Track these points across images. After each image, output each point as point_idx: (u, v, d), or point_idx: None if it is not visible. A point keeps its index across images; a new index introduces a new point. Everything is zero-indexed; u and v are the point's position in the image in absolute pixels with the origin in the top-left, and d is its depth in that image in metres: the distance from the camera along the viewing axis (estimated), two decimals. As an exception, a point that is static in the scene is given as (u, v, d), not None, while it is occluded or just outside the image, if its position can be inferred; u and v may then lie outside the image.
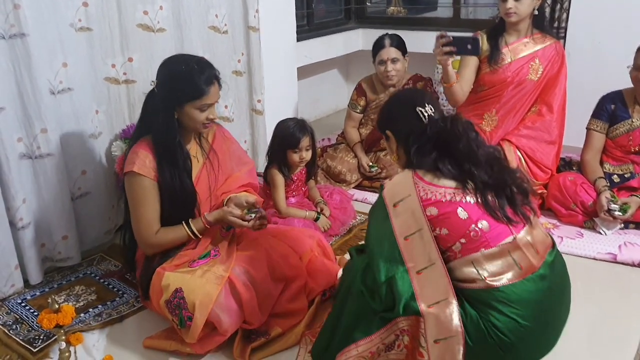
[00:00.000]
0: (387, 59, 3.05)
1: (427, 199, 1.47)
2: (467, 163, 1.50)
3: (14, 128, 2.05)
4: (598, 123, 2.65)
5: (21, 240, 2.12)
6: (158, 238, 1.88)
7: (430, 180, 1.50)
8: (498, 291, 1.45)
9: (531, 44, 2.71)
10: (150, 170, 1.85)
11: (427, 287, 1.45)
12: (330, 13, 4.56)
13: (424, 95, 1.70)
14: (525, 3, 2.55)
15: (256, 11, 3.01)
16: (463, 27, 4.02)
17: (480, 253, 1.46)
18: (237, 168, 2.12)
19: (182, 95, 1.82)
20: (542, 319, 1.49)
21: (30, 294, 2.16)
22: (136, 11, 2.42)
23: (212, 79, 1.85)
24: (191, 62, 1.85)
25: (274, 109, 3.30)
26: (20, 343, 1.86)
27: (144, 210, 1.87)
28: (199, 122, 1.87)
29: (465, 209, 1.47)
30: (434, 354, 1.43)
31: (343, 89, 4.85)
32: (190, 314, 1.70)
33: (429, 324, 1.43)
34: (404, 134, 1.62)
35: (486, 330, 1.43)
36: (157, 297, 1.81)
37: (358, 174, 3.11)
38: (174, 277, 1.79)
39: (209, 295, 1.71)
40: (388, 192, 1.52)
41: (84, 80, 2.27)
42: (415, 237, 1.46)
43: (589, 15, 3.25)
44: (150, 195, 1.87)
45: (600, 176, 2.56)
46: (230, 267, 1.82)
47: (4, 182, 2.03)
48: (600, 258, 2.33)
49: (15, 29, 1.96)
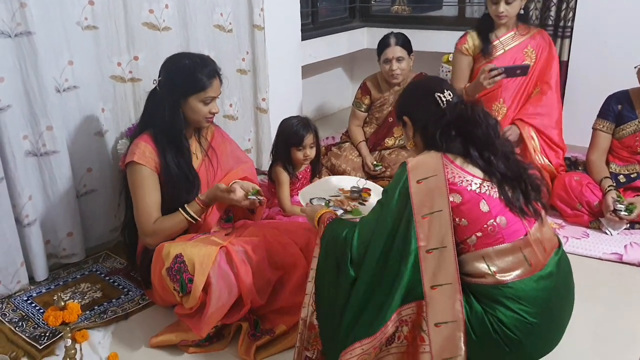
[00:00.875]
0: (392, 58, 3.05)
1: (454, 183, 1.45)
2: (487, 151, 1.50)
3: (20, 126, 2.05)
4: (604, 123, 2.64)
5: (27, 237, 2.13)
6: (156, 225, 1.90)
7: (460, 165, 1.49)
8: (506, 287, 1.44)
9: (518, 35, 2.87)
10: (150, 160, 1.90)
11: (434, 268, 1.43)
12: (334, 12, 4.56)
13: (442, 81, 1.70)
14: (515, 6, 2.76)
15: (261, 10, 3.00)
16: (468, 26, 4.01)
17: (492, 249, 1.45)
18: (235, 166, 2.15)
19: (186, 88, 1.89)
20: (548, 316, 1.48)
21: (36, 291, 2.16)
22: (142, 10, 2.42)
23: (214, 73, 1.94)
24: (194, 57, 1.94)
25: (278, 108, 3.30)
26: (26, 340, 1.87)
27: (143, 198, 1.90)
28: (202, 115, 1.94)
29: (488, 202, 1.46)
30: (435, 338, 1.42)
31: (347, 87, 4.85)
32: (190, 276, 1.73)
33: (431, 306, 1.42)
34: (422, 120, 1.61)
35: (491, 325, 1.43)
36: (159, 269, 1.81)
37: (362, 172, 3.10)
38: (175, 246, 1.81)
39: (209, 256, 1.75)
40: (413, 168, 1.48)
41: (89, 78, 2.27)
42: (434, 217, 1.43)
43: (595, 15, 3.24)
44: (150, 184, 1.91)
45: (606, 176, 2.56)
46: (228, 241, 1.86)
47: (10, 179, 2.04)
48: (606, 258, 2.32)
49: (22, 27, 1.97)
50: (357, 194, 2.06)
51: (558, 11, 3.38)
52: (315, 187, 2.07)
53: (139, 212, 1.91)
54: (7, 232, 2.04)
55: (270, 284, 1.90)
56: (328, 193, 2.06)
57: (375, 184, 2.22)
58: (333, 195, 2.05)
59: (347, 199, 2.03)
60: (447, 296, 1.42)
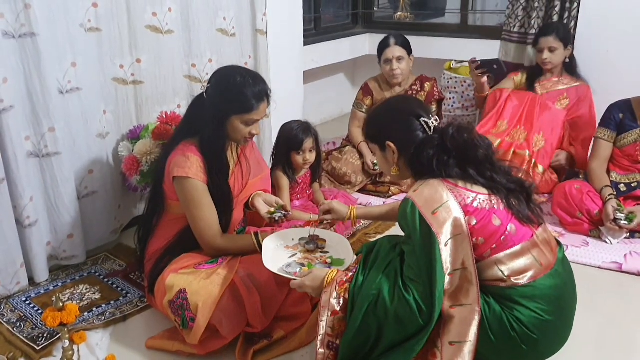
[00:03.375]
0: (392, 58, 3.07)
1: (467, 205, 1.46)
2: (488, 171, 1.52)
3: (22, 126, 2.06)
4: (605, 132, 2.65)
5: (27, 238, 2.13)
6: (225, 242, 1.91)
7: (464, 186, 1.50)
8: (525, 287, 1.48)
9: (560, 83, 3.08)
10: (200, 173, 1.86)
11: (455, 288, 1.45)
12: (337, 17, 4.58)
13: (421, 103, 1.72)
14: (559, 54, 3.00)
15: (264, 15, 3.02)
16: (470, 34, 4.04)
17: (503, 254, 1.48)
18: (258, 172, 2.13)
19: (231, 107, 1.85)
20: (560, 313, 1.53)
21: (35, 292, 2.16)
22: (145, 13, 2.43)
23: (263, 95, 1.87)
24: (247, 75, 1.87)
25: (279, 112, 3.25)
26: (24, 341, 1.87)
27: (204, 213, 1.87)
28: (242, 136, 1.91)
29: (498, 215, 1.49)
30: (447, 355, 1.44)
31: (349, 93, 4.85)
32: (193, 315, 1.71)
33: (450, 326, 1.44)
34: (408, 146, 1.59)
35: (509, 323, 1.46)
36: (161, 297, 1.82)
37: (363, 175, 3.11)
38: (179, 278, 1.79)
39: (212, 297, 1.72)
40: (422, 203, 1.46)
41: (92, 80, 2.28)
42: (454, 241, 1.44)
43: (598, 23, 3.24)
44: (207, 198, 1.88)
45: (607, 185, 2.56)
46: (235, 270, 1.82)
47: (11, 180, 2.04)
48: (606, 267, 2.32)
49: (26, 29, 1.97)
50: (312, 245, 1.89)
51: (560, 20, 3.38)
52: (266, 252, 1.81)
53: (204, 229, 1.88)
54: (7, 233, 2.04)
55: (278, 302, 1.87)
56: (284, 256, 1.84)
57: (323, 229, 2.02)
58: (292, 256, 1.85)
59: (305, 252, 1.87)
60: (465, 316, 1.44)
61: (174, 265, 1.87)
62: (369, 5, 4.63)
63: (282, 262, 1.80)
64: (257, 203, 2.04)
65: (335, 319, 1.55)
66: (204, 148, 1.88)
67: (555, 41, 2.96)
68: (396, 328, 1.47)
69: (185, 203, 1.88)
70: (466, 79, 3.67)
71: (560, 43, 2.97)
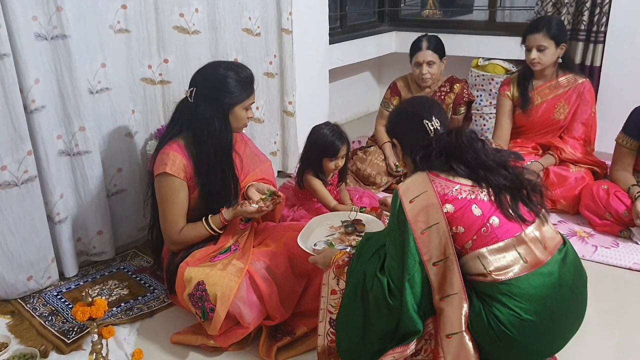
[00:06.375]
0: (422, 62, 3.03)
1: (444, 194, 1.49)
2: (481, 170, 1.53)
3: (54, 126, 2.12)
4: (627, 139, 2.55)
5: (58, 234, 2.19)
6: (181, 236, 1.95)
7: (446, 177, 1.53)
8: (503, 284, 1.46)
9: (557, 87, 2.83)
10: (180, 170, 1.91)
11: (441, 280, 1.48)
12: (363, 15, 4.56)
13: (432, 106, 1.72)
14: (549, 54, 2.70)
15: (289, 14, 3.03)
16: (499, 31, 3.98)
17: (485, 249, 1.47)
18: (254, 167, 2.17)
19: (232, 98, 1.91)
20: (547, 315, 1.47)
21: (66, 286, 2.22)
22: (172, 13, 2.47)
23: (252, 77, 1.96)
24: (229, 65, 1.95)
25: (305, 111, 3.32)
26: (55, 334, 1.92)
27: (171, 210, 1.93)
28: (243, 122, 1.98)
29: (479, 206, 1.49)
30: (449, 349, 1.46)
31: (375, 91, 4.84)
32: (212, 306, 1.74)
33: (444, 319, 1.46)
34: (409, 145, 1.66)
35: (487, 320, 1.45)
36: (181, 291, 1.85)
37: (387, 176, 3.10)
38: (196, 271, 1.83)
39: (230, 287, 1.76)
40: (404, 192, 1.53)
41: (121, 80, 2.33)
42: (432, 230, 1.47)
43: (629, 20, 3.16)
44: (179, 195, 1.93)
45: (634, 183, 2.48)
46: (249, 261, 1.86)
47: (43, 177, 2.10)
48: (637, 269, 2.26)
49: (58, 31, 2.03)
50: (351, 228, 2.02)
51: (591, 16, 3.31)
52: (308, 229, 1.99)
53: (167, 223, 1.95)
54: (39, 228, 2.10)
55: (297, 294, 1.90)
56: (322, 234, 2.00)
57: (367, 214, 2.18)
58: (328, 235, 1.99)
59: (343, 234, 2.00)
60: (454, 306, 1.46)
61: (190, 259, 1.90)
62: (395, 3, 4.60)
63: (316, 239, 1.95)
64: (249, 192, 2.07)
65: (336, 298, 1.64)
66: (204, 148, 1.91)
67: (544, 39, 2.65)
68: (376, 313, 1.52)
69: (159, 199, 1.95)
70: (494, 77, 3.62)
71: (550, 41, 2.66)
